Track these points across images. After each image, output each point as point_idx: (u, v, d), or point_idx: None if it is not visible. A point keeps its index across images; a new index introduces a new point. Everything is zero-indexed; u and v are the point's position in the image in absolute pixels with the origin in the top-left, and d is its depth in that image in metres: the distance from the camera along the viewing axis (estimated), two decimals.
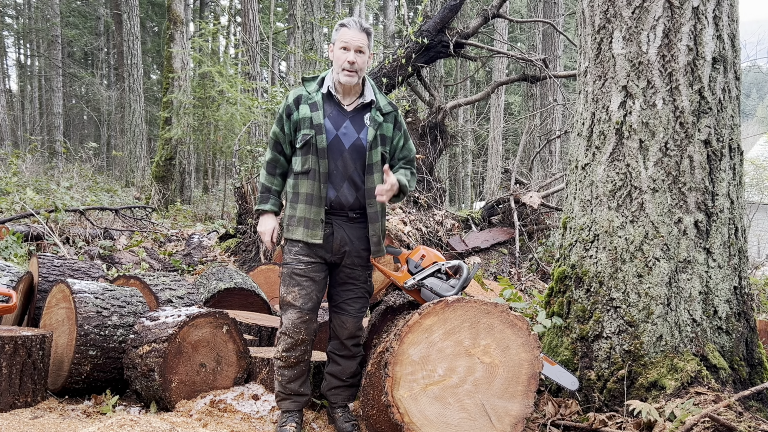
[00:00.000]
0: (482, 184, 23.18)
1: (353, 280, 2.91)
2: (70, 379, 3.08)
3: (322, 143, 2.77)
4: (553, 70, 11.02)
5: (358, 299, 2.93)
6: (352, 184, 2.82)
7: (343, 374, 2.94)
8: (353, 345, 2.93)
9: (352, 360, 2.95)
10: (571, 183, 3.34)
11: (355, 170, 2.82)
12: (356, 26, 2.77)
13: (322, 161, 2.78)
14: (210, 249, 7.17)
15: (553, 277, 3.34)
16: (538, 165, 11.37)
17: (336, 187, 2.81)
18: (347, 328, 2.89)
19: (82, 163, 13.31)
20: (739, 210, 3.06)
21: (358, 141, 2.81)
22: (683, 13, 2.93)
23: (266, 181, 2.97)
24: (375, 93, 2.90)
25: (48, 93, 22.78)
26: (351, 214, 2.84)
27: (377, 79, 7.58)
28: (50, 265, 3.92)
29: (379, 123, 2.84)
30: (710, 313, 2.95)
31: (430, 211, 7.54)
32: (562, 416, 2.89)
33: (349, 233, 2.84)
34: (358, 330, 2.93)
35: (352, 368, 2.97)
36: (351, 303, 2.91)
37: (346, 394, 2.97)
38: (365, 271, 2.94)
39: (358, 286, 2.93)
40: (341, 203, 2.82)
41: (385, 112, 2.88)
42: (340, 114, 2.83)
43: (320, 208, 2.80)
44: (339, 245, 2.83)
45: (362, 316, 2.94)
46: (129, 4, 16.78)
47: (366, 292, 2.97)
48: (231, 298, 4.36)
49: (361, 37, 2.76)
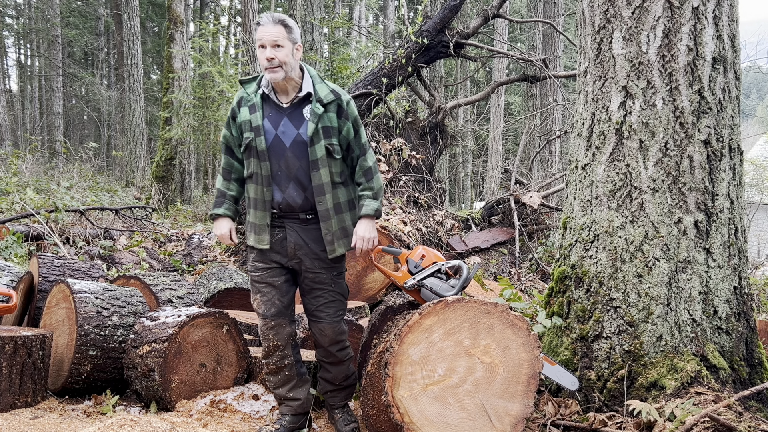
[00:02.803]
0: (482, 184, 23.17)
1: (319, 284, 2.80)
2: (71, 379, 3.08)
3: (262, 145, 2.68)
4: (553, 70, 11.02)
5: (331, 304, 2.82)
6: (299, 184, 2.70)
7: (336, 379, 2.91)
8: (338, 350, 2.86)
9: (340, 365, 2.90)
10: (571, 183, 3.34)
11: (300, 168, 2.70)
12: (269, 21, 2.63)
13: (263, 164, 2.69)
14: (210, 249, 7.16)
15: (553, 277, 3.34)
16: (538, 165, 11.37)
17: (282, 188, 2.71)
18: (327, 335, 2.82)
19: (82, 163, 13.31)
20: (739, 210, 3.06)
21: (298, 137, 2.69)
22: (683, 13, 2.94)
23: (221, 186, 2.89)
24: (315, 84, 2.74)
25: (48, 93, 22.79)
26: (303, 216, 2.73)
27: (377, 79, 7.58)
28: (50, 265, 3.92)
29: (319, 115, 2.68)
30: (710, 313, 2.95)
31: (430, 211, 7.54)
32: (562, 416, 2.89)
33: (303, 236, 2.74)
34: (339, 335, 2.85)
35: (343, 372, 2.92)
36: (323, 309, 2.81)
37: (342, 395, 2.95)
38: (330, 273, 2.81)
39: (327, 290, 2.81)
40: (289, 205, 2.72)
41: (326, 102, 2.71)
42: (278, 113, 2.72)
43: (265, 212, 2.73)
44: (293, 249, 2.74)
45: (339, 320, 2.85)
46: (129, 4, 16.78)
47: (338, 295, 2.85)
48: (231, 298, 4.36)
49: (275, 30, 2.61)
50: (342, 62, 10.59)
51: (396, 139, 7.58)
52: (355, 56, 14.90)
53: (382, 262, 4.78)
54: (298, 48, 2.70)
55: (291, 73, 2.67)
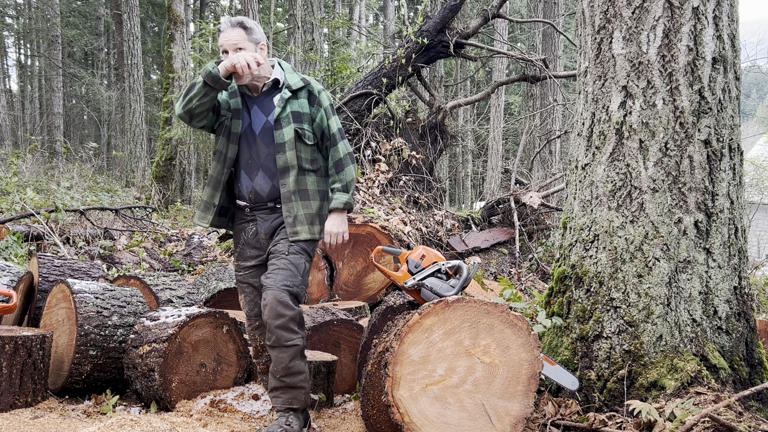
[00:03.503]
0: (482, 184, 23.17)
1: (275, 254, 2.65)
2: (71, 379, 3.08)
3: (237, 128, 2.72)
4: (553, 70, 11.01)
5: (279, 271, 2.57)
6: (267, 171, 2.71)
7: (276, 371, 2.56)
8: (279, 328, 2.49)
9: (281, 350, 2.53)
10: (571, 183, 3.34)
11: (269, 155, 2.70)
12: (228, 25, 2.64)
13: (231, 146, 2.73)
14: (210, 249, 7.16)
15: (553, 277, 3.34)
16: (538, 165, 11.36)
17: (251, 176, 2.73)
18: (267, 304, 2.50)
19: (82, 163, 13.30)
20: (739, 210, 3.07)
21: (266, 124, 2.71)
22: (683, 13, 2.94)
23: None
24: (285, 73, 2.76)
25: (48, 93, 22.79)
26: (271, 205, 2.74)
27: (377, 79, 7.57)
28: (50, 265, 3.92)
29: (286, 99, 2.69)
30: (710, 313, 2.95)
31: (430, 211, 7.54)
32: (562, 416, 2.89)
33: (273, 223, 2.75)
34: (282, 307, 2.49)
35: (284, 362, 2.54)
36: (270, 275, 2.58)
37: (284, 397, 2.59)
38: (286, 244, 2.65)
39: (280, 258, 2.62)
40: (258, 193, 2.72)
41: (294, 88, 2.71)
42: (250, 101, 2.76)
43: (216, 192, 2.75)
44: (265, 238, 2.75)
45: (284, 290, 2.52)
46: (129, 4, 16.77)
47: (290, 265, 2.60)
48: (231, 298, 4.37)
49: (234, 34, 2.62)
50: (342, 62, 10.59)
51: (396, 139, 7.58)
52: (355, 56, 14.91)
53: (382, 262, 4.78)
54: (262, 47, 2.70)
55: (256, 72, 2.66)
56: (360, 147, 7.38)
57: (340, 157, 2.77)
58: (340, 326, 3.64)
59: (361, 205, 6.51)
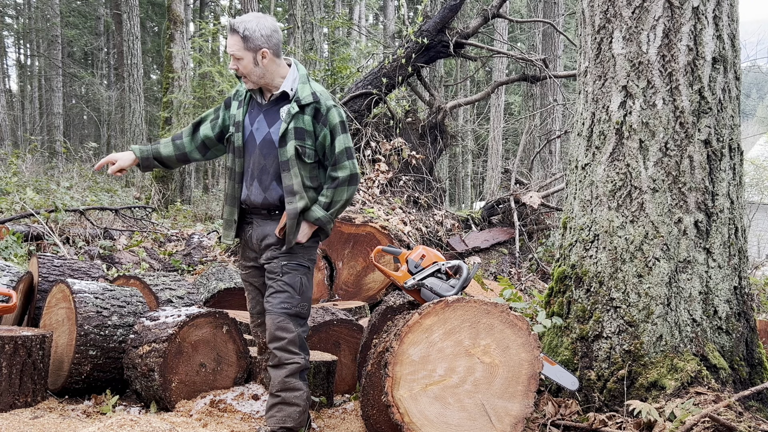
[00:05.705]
0: (482, 184, 23.18)
1: (271, 275, 2.69)
2: (70, 379, 3.08)
3: (238, 141, 2.70)
4: (553, 70, 11.01)
5: (276, 294, 2.65)
6: (260, 183, 2.67)
7: (273, 386, 2.66)
8: (277, 349, 2.62)
9: (277, 369, 2.64)
10: (571, 183, 3.34)
11: (264, 168, 2.66)
12: (229, 31, 2.56)
13: (238, 160, 2.72)
14: (210, 249, 7.16)
15: (553, 277, 3.34)
16: (538, 165, 11.36)
17: (247, 185, 2.72)
18: (267, 327, 2.66)
19: (82, 163, 13.29)
20: (739, 210, 3.06)
21: (268, 135, 2.64)
22: (683, 13, 2.93)
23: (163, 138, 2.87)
24: (297, 84, 2.65)
25: (48, 93, 22.77)
26: (264, 212, 2.72)
27: (377, 79, 7.57)
28: (50, 265, 3.91)
29: (293, 115, 2.60)
30: (710, 313, 2.95)
31: (430, 211, 7.54)
32: (562, 416, 2.89)
33: (267, 228, 2.73)
34: (280, 331, 2.62)
35: (279, 378, 2.63)
36: (269, 299, 2.67)
37: (279, 416, 2.61)
38: (279, 263, 2.67)
39: (275, 280, 2.67)
40: (252, 202, 2.71)
41: (303, 103, 2.61)
42: (258, 110, 2.70)
43: (233, 208, 2.77)
44: (257, 242, 2.75)
45: (282, 312, 2.63)
46: (129, 4, 16.76)
47: (286, 286, 2.65)
48: (231, 298, 4.36)
49: (232, 42, 2.54)
50: (342, 62, 10.59)
51: (396, 139, 7.58)
52: (355, 56, 14.89)
53: (382, 262, 4.78)
54: (264, 54, 2.56)
55: (262, 80, 2.63)
56: (360, 147, 7.38)
57: (338, 176, 2.68)
58: (340, 326, 3.64)
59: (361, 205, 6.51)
